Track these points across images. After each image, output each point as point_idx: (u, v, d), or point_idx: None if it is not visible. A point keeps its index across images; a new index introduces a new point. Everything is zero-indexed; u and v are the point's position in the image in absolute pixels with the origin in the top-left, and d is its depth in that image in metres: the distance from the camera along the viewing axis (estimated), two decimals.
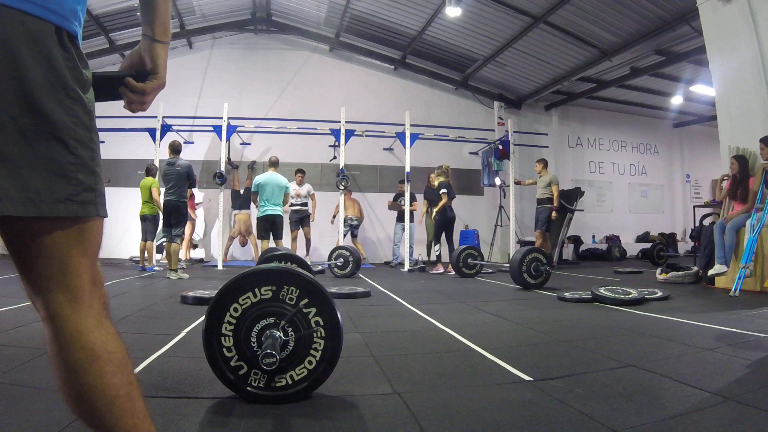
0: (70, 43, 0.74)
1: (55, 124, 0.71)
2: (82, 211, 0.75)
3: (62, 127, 0.72)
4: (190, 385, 1.72)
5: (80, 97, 0.75)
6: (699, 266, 5.40)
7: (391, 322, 3.23)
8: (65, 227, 0.75)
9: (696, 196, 12.35)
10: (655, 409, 1.49)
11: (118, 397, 0.76)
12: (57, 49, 0.72)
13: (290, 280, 1.61)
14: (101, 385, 0.75)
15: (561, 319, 3.24)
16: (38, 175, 0.70)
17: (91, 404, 0.75)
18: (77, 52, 0.76)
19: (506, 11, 7.85)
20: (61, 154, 0.72)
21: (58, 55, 0.72)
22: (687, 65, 8.87)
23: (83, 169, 0.75)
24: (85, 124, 0.76)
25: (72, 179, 0.74)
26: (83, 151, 0.75)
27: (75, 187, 0.74)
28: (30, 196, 0.69)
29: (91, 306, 0.78)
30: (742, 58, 5.11)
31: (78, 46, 0.77)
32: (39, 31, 0.69)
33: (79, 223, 0.76)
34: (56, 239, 0.75)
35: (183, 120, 8.65)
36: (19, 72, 0.68)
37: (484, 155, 9.77)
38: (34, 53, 0.69)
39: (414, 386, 1.76)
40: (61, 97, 0.72)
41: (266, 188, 6.54)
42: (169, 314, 3.31)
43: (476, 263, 6.70)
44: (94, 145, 0.78)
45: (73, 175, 0.74)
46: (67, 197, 0.73)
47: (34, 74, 0.69)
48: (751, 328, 2.77)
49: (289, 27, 9.74)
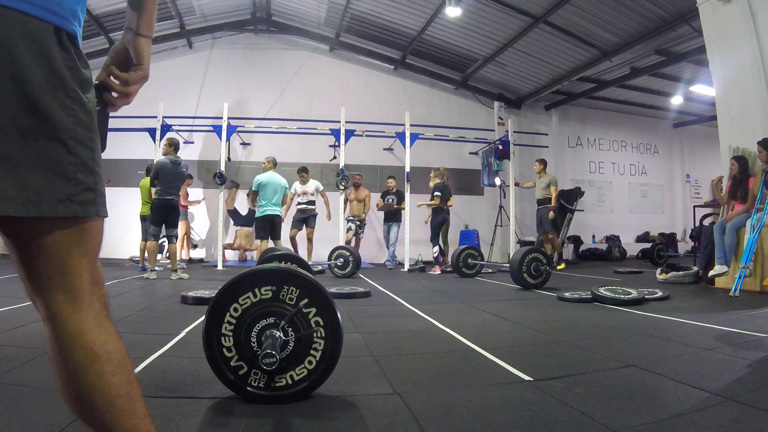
0: (69, 43, 0.74)
1: (55, 125, 0.71)
2: (82, 211, 0.75)
3: (62, 128, 0.72)
4: (190, 385, 1.72)
5: (80, 97, 0.75)
6: (699, 266, 5.40)
7: (391, 322, 3.23)
8: (65, 227, 0.75)
9: (696, 196, 12.35)
10: (655, 409, 1.49)
11: (118, 397, 0.76)
12: (56, 49, 0.72)
13: (290, 280, 1.61)
14: (101, 385, 0.75)
15: (561, 319, 3.24)
16: (38, 176, 0.70)
17: (91, 404, 0.75)
18: (77, 52, 0.76)
19: (506, 11, 7.85)
20: (60, 154, 0.72)
21: (58, 55, 0.72)
22: (687, 65, 8.87)
23: (83, 169, 0.75)
24: (85, 124, 0.76)
25: (72, 179, 0.74)
26: (83, 151, 0.75)
27: (75, 187, 0.74)
28: (30, 196, 0.69)
29: (91, 306, 0.78)
30: (742, 58, 5.10)
31: (78, 46, 0.77)
32: (38, 32, 0.69)
33: (79, 223, 0.76)
34: (56, 239, 0.75)
35: (183, 120, 8.65)
36: (19, 72, 0.68)
37: (484, 155, 9.77)
38: (34, 54, 0.69)
39: (414, 386, 1.76)
40: (60, 97, 0.72)
41: (267, 188, 6.53)
42: (169, 314, 3.31)
43: (476, 263, 6.69)
44: (94, 145, 0.78)
45: (73, 175, 0.74)
46: (67, 197, 0.73)
47: (33, 75, 0.69)
48: (751, 328, 2.77)
49: (289, 27, 9.74)
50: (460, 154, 10.26)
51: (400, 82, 10.32)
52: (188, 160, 9.02)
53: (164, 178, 5.52)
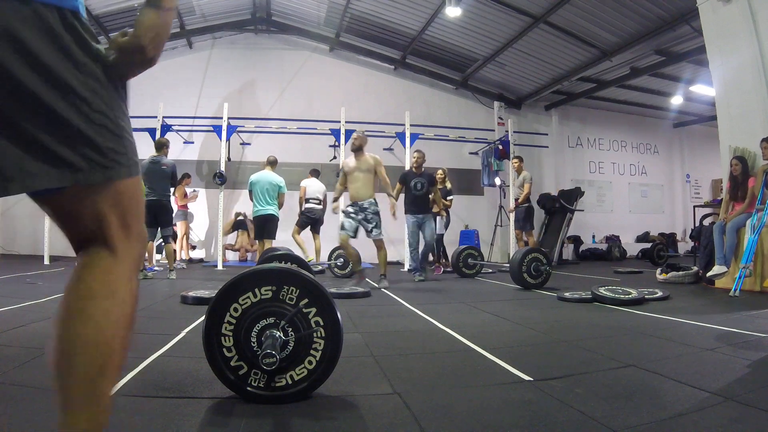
0: (74, 19, 0.77)
1: (75, 99, 0.76)
2: (115, 175, 0.81)
3: (81, 101, 0.77)
4: (190, 385, 1.72)
5: (93, 69, 0.79)
6: (699, 266, 5.39)
7: (391, 322, 3.23)
8: (100, 191, 0.81)
9: (696, 196, 12.35)
10: (655, 409, 1.49)
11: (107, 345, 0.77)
12: (61, 28, 0.75)
13: (290, 280, 1.61)
14: (103, 322, 0.77)
15: (561, 319, 3.24)
16: (67, 147, 0.76)
17: (80, 344, 0.76)
18: (83, 26, 0.79)
19: (506, 11, 7.86)
20: (85, 126, 0.78)
21: (64, 33, 0.75)
22: (687, 65, 8.87)
23: (109, 135, 0.81)
24: (101, 95, 0.80)
25: (99, 147, 0.79)
26: (105, 120, 0.80)
27: (103, 154, 0.80)
28: (63, 168, 0.75)
29: (124, 261, 0.84)
30: (742, 58, 5.10)
31: (82, 20, 0.80)
32: (41, 16, 0.73)
33: (113, 185, 0.82)
34: (94, 203, 0.81)
35: (183, 120, 8.64)
36: (31, 58, 0.72)
37: (484, 155, 9.77)
38: (40, 37, 0.73)
39: (414, 386, 1.76)
40: (74, 73, 0.76)
41: (256, 187, 6.38)
42: (169, 314, 3.31)
43: (476, 263, 6.69)
44: (116, 112, 0.83)
45: (101, 143, 0.79)
46: (98, 164, 0.79)
47: (45, 57, 0.73)
48: (751, 328, 2.77)
49: (289, 27, 9.75)
50: (460, 154, 10.26)
51: (400, 82, 10.32)
52: (188, 160, 9.08)
53: (145, 178, 5.45)
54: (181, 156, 8.94)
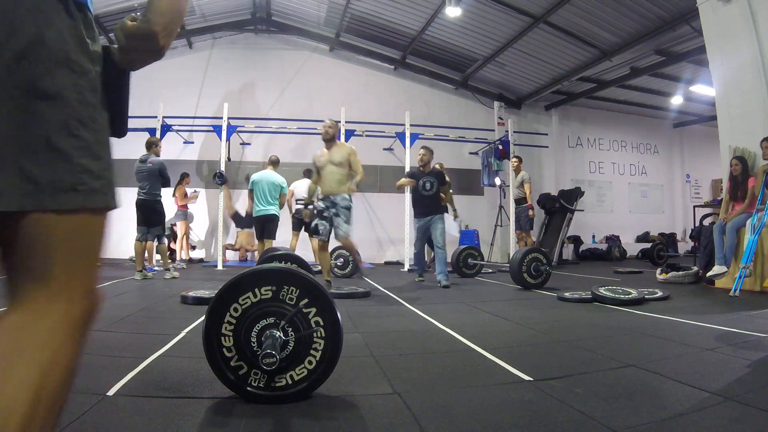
0: (76, 10, 0.69)
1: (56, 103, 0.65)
2: (88, 202, 0.67)
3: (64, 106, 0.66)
4: (190, 385, 1.72)
5: (86, 71, 0.69)
6: (699, 266, 5.39)
7: (391, 322, 3.23)
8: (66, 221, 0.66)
9: (696, 196, 12.34)
10: (655, 409, 1.49)
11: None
12: (61, 17, 0.67)
13: (290, 280, 1.61)
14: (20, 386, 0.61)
15: (561, 319, 3.24)
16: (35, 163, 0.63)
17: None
18: (85, 20, 0.71)
19: (506, 11, 7.85)
20: (61, 137, 0.65)
21: (62, 23, 0.67)
22: (687, 65, 8.87)
23: (87, 154, 0.67)
24: (90, 103, 0.69)
25: (75, 165, 0.66)
26: (86, 133, 0.68)
27: (79, 174, 0.66)
28: (27, 187, 0.62)
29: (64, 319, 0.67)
30: (742, 58, 5.10)
31: (86, 14, 0.72)
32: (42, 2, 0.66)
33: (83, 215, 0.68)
34: (54, 233, 0.65)
35: (183, 120, 8.64)
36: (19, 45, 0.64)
37: (484, 155, 9.77)
38: (36, 24, 0.65)
39: (414, 386, 1.76)
40: (63, 71, 0.66)
41: (258, 186, 6.36)
42: (169, 314, 3.31)
43: (476, 263, 6.69)
44: (99, 126, 0.70)
45: (77, 160, 0.66)
46: (70, 186, 0.65)
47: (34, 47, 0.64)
48: (751, 328, 2.77)
49: (289, 27, 9.74)
50: (460, 154, 10.25)
51: (400, 82, 10.31)
52: (188, 160, 9.08)
53: (136, 177, 5.55)
54: (181, 156, 8.96)
